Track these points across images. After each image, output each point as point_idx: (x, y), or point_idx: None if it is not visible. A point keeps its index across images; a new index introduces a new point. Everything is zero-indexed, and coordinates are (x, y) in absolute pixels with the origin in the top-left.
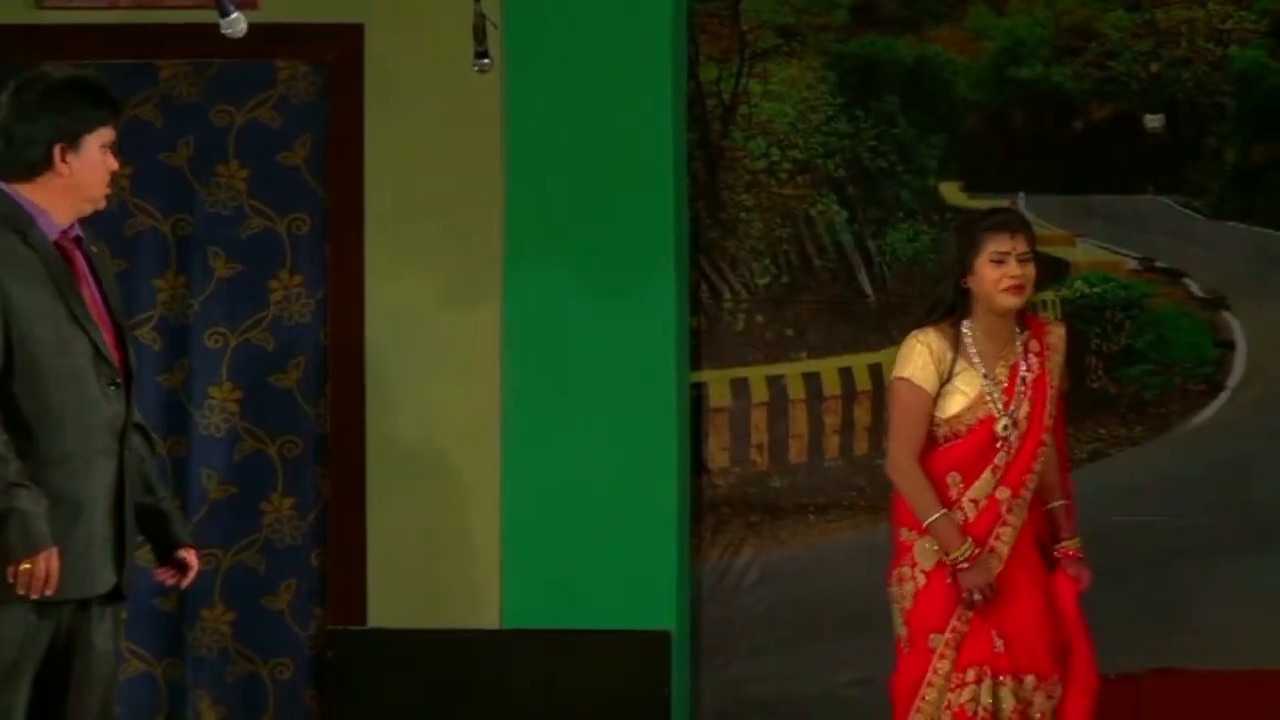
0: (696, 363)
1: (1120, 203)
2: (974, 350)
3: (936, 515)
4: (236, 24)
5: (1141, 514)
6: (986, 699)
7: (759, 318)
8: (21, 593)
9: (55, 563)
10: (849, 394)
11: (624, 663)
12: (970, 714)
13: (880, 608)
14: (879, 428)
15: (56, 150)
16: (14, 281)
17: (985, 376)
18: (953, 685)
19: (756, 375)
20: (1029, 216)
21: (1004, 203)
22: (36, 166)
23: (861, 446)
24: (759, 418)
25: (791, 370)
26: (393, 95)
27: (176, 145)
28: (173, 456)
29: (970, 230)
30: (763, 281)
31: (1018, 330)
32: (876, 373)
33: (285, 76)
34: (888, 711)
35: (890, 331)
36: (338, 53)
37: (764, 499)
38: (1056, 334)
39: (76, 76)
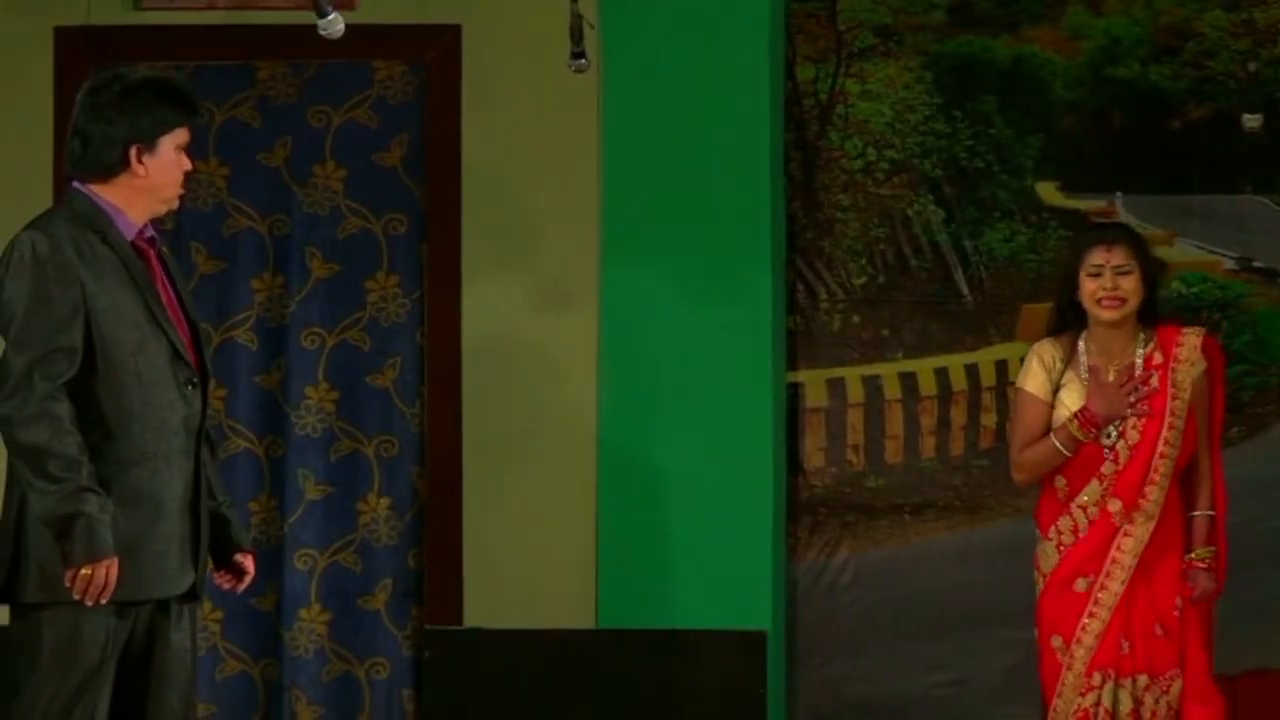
0: (793, 363)
1: (1218, 202)
2: (1084, 361)
3: (1051, 440)
4: (334, 25)
5: (1239, 514)
6: (1108, 701)
7: (855, 318)
8: (77, 597)
9: (114, 572)
10: (945, 394)
11: (720, 663)
12: (1092, 716)
13: (973, 608)
14: (975, 428)
15: (132, 151)
16: (95, 282)
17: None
18: (1080, 690)
19: (852, 375)
20: (1127, 217)
21: (1101, 203)
22: (113, 167)
23: (957, 447)
24: (855, 418)
25: (887, 370)
26: (489, 96)
27: (274, 146)
28: (269, 457)
29: (1074, 244)
30: (859, 281)
31: (1142, 341)
32: (973, 373)
33: (382, 77)
34: (980, 711)
35: (987, 332)
36: (435, 53)
37: (859, 499)
38: (1189, 345)
39: (152, 78)
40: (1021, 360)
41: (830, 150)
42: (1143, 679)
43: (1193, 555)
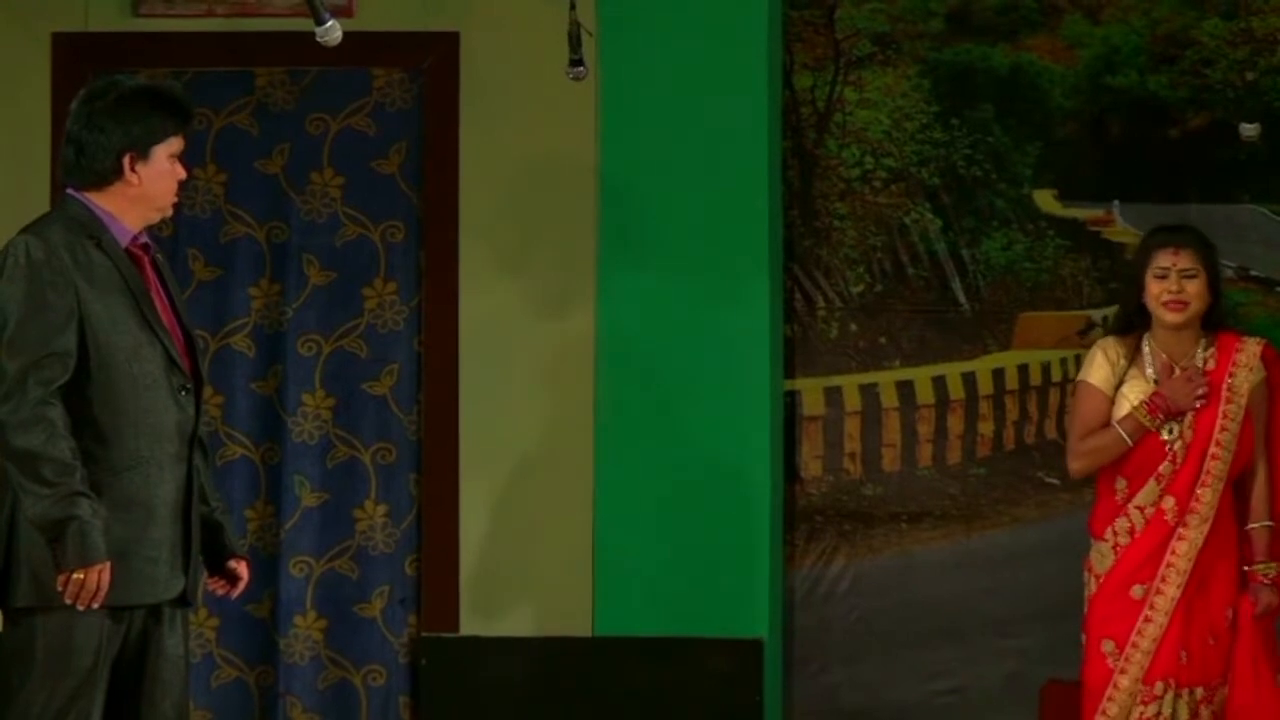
0: (790, 371)
1: (1216, 211)
2: (1149, 361)
3: (1115, 429)
4: (332, 32)
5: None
6: (1168, 711)
7: (853, 326)
8: (69, 602)
9: (106, 577)
10: (942, 403)
11: (716, 670)
12: None
13: (971, 616)
14: (972, 436)
15: (126, 159)
16: (89, 287)
17: (1155, 383)
18: (1141, 699)
19: (850, 384)
20: (1125, 226)
21: (1099, 211)
22: (107, 175)
23: (954, 455)
24: (852, 426)
25: (885, 379)
26: (487, 103)
27: (272, 153)
28: (266, 463)
29: (1143, 245)
30: (856, 290)
31: (1203, 345)
32: (970, 381)
33: (380, 84)
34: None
35: (984, 340)
36: (433, 61)
37: (857, 507)
38: (1249, 351)
39: (147, 86)
40: (1019, 369)
41: (828, 158)
42: (1199, 691)
43: (1257, 568)
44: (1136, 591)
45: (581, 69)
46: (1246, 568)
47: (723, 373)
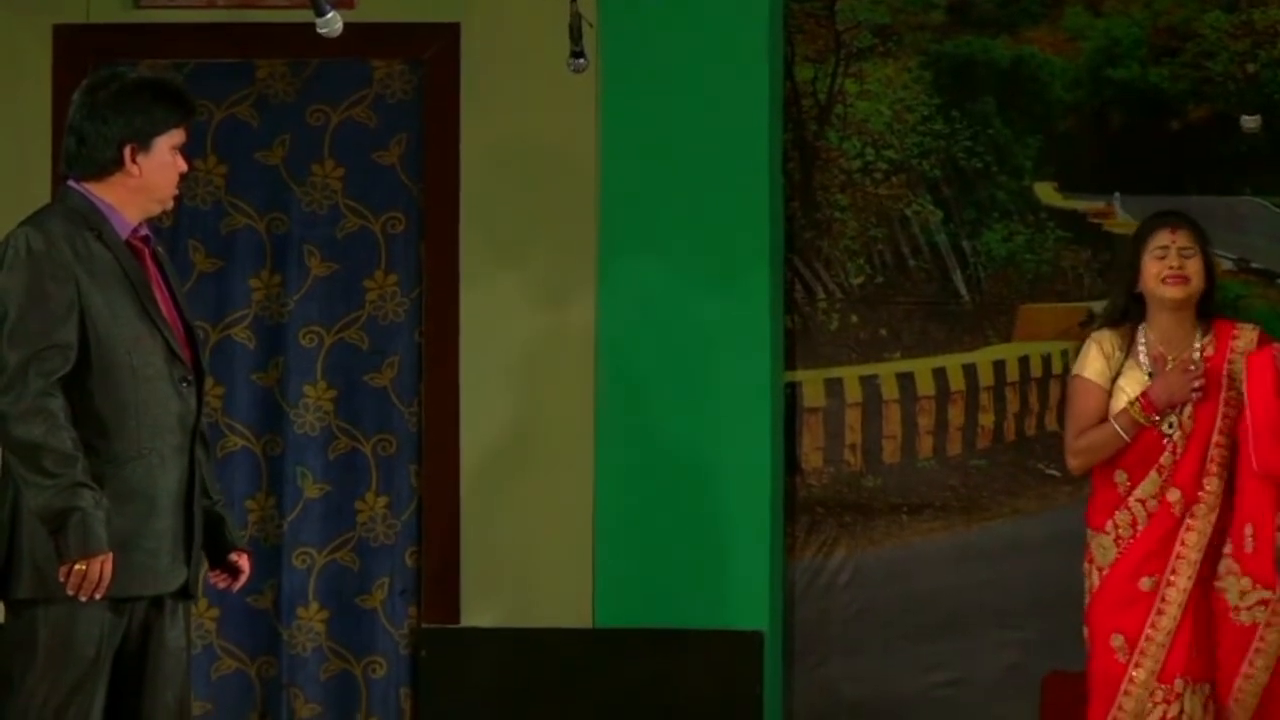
0: (790, 362)
1: (1217, 204)
2: (1144, 352)
3: (1111, 424)
4: (333, 23)
5: None
6: (1189, 708)
7: (853, 318)
8: (71, 593)
9: (109, 567)
10: (943, 394)
11: (716, 662)
12: None
13: (971, 608)
14: (972, 428)
15: (127, 151)
16: (90, 279)
17: (1151, 376)
18: (1164, 699)
19: (850, 375)
20: (1125, 218)
21: (1100, 203)
22: (108, 166)
23: (955, 447)
24: (853, 418)
25: (885, 370)
26: (488, 94)
27: (272, 144)
28: (267, 455)
29: (1138, 231)
30: (857, 281)
31: (1200, 333)
32: (970, 373)
33: (381, 76)
34: (979, 712)
35: (985, 332)
36: (434, 52)
37: (857, 499)
38: (1245, 338)
39: (149, 78)
40: (1020, 360)
41: (829, 150)
42: (1207, 686)
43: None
44: (1145, 584)
45: (582, 61)
46: None
47: (723, 364)
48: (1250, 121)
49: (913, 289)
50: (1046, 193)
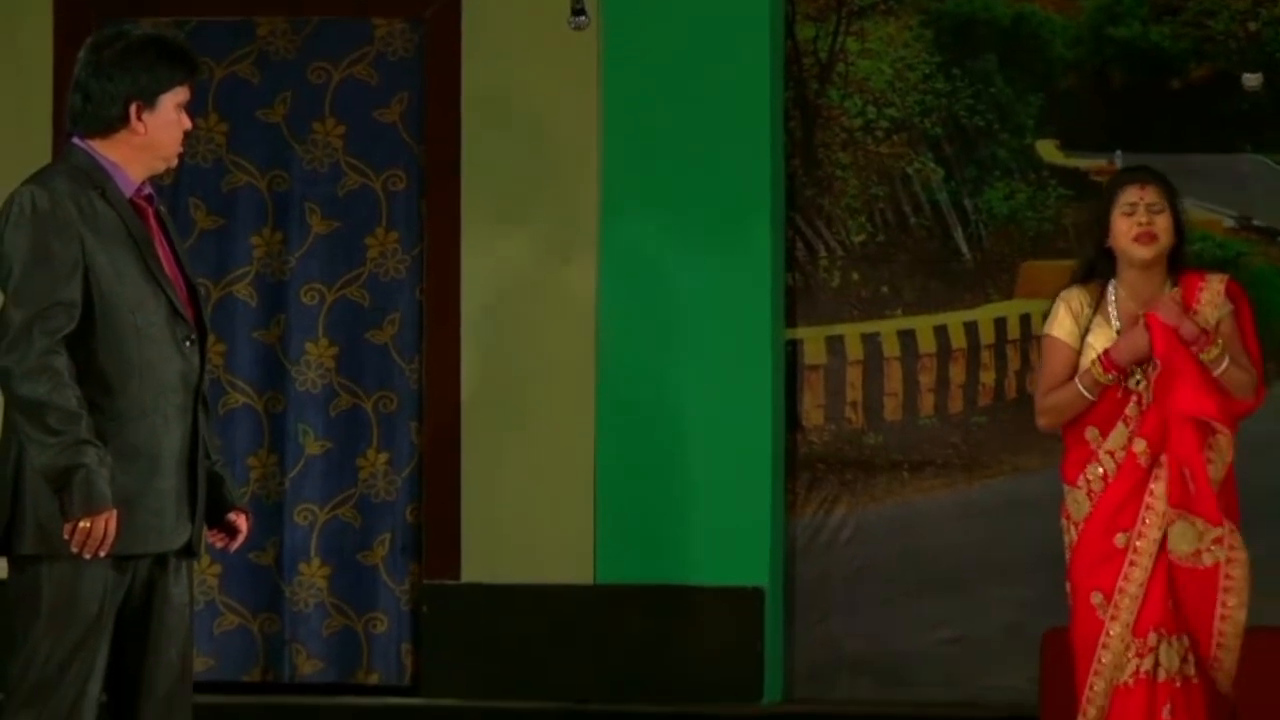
0: (791, 320)
1: (1218, 162)
2: (1114, 308)
3: (1075, 384)
4: None
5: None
6: (1165, 660)
7: (854, 275)
8: (75, 550)
9: (113, 524)
10: (944, 352)
11: (717, 619)
12: (1152, 678)
13: (972, 565)
14: (973, 385)
15: (133, 108)
16: (94, 237)
17: (1119, 332)
18: (1136, 652)
19: (852, 333)
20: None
21: (1101, 161)
22: (113, 124)
23: (956, 404)
24: (854, 375)
25: (886, 328)
26: (490, 52)
27: (273, 102)
28: (269, 412)
29: (1107, 188)
30: (858, 239)
31: (1168, 287)
32: (972, 330)
33: (382, 34)
34: (979, 669)
35: (986, 290)
36: (435, 10)
37: (858, 456)
38: (1212, 289)
39: (155, 35)
40: (1021, 318)
41: (830, 108)
42: (1185, 638)
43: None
44: (1120, 540)
45: (584, 19)
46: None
47: (725, 321)
48: (1251, 79)
49: (914, 247)
50: (1048, 151)
